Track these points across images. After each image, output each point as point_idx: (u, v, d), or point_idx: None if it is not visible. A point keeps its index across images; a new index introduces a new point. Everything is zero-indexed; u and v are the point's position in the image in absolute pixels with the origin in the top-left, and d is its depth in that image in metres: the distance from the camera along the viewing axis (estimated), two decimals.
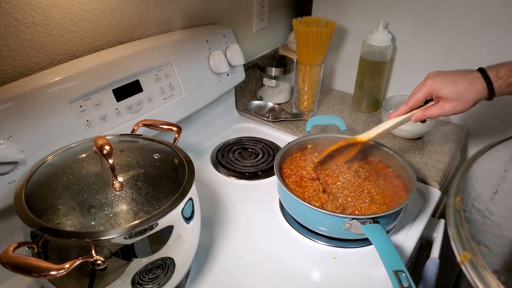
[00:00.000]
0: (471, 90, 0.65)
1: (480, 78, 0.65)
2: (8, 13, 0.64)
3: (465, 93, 0.65)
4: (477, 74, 0.66)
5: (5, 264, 0.41)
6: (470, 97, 0.66)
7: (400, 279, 0.54)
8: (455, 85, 0.66)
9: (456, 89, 0.66)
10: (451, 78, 0.67)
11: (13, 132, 0.60)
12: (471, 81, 0.65)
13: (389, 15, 1.06)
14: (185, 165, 0.57)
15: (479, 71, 0.67)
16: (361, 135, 0.77)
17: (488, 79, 0.65)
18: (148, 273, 0.51)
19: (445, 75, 0.68)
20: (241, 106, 1.13)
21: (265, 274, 0.66)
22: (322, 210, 0.66)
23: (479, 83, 0.65)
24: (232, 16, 1.11)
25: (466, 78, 0.66)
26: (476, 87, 0.65)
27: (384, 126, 0.75)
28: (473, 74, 0.66)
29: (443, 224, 0.81)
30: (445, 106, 0.68)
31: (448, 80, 0.67)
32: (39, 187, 0.51)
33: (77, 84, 0.69)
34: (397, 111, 0.73)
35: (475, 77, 0.65)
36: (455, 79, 0.66)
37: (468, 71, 0.68)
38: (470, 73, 0.67)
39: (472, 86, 0.65)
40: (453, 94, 0.66)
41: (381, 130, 0.75)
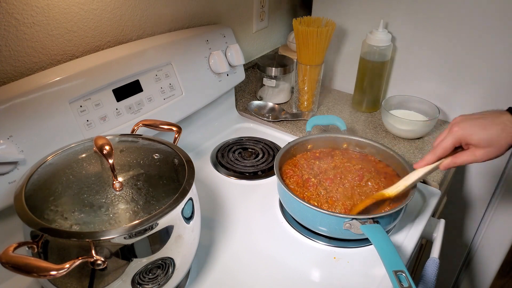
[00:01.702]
0: (504, 135, 0.60)
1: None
2: (8, 13, 0.64)
3: (498, 139, 0.60)
4: (508, 117, 0.61)
5: (5, 264, 0.41)
6: (503, 143, 0.60)
7: (400, 279, 0.54)
8: (486, 131, 0.61)
9: (487, 136, 0.60)
10: (480, 123, 0.62)
11: (13, 132, 0.60)
12: (503, 126, 0.60)
13: (389, 15, 1.06)
14: (185, 165, 0.57)
15: (509, 111, 0.62)
16: (388, 190, 0.71)
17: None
18: (148, 273, 0.51)
19: (473, 119, 0.63)
20: (241, 106, 1.13)
21: (265, 274, 0.67)
22: (322, 210, 0.66)
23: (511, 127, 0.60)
24: (232, 16, 1.11)
25: (496, 123, 0.61)
26: (509, 132, 0.60)
27: (412, 178, 0.69)
28: (504, 117, 0.61)
29: (443, 224, 0.81)
30: (477, 153, 0.62)
31: (478, 125, 0.62)
32: (39, 187, 0.51)
33: (77, 84, 0.69)
34: (424, 160, 0.67)
35: (507, 121, 0.60)
36: (485, 125, 0.61)
37: (497, 112, 0.63)
38: (500, 116, 0.62)
39: (504, 131, 0.60)
40: (485, 141, 0.61)
41: (410, 182, 0.69)
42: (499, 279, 1.32)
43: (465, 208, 1.24)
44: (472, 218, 1.24)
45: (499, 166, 1.10)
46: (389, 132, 1.03)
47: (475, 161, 0.63)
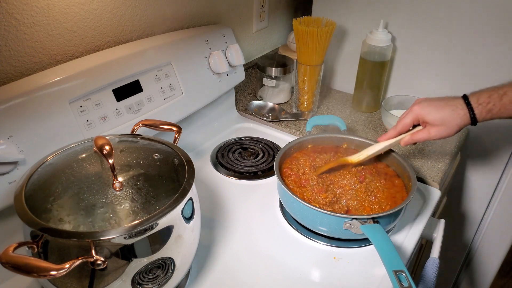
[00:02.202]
0: (454, 116, 0.68)
1: (462, 105, 0.68)
2: (8, 13, 0.64)
3: (449, 119, 0.69)
4: (460, 101, 0.69)
5: (5, 264, 0.41)
6: (454, 123, 0.69)
7: (400, 279, 0.54)
8: (440, 111, 0.69)
9: (441, 115, 0.69)
10: (436, 104, 0.70)
11: (13, 132, 0.60)
12: (454, 108, 0.68)
13: (389, 15, 1.06)
14: (185, 165, 0.57)
15: (462, 97, 0.70)
16: (351, 157, 0.79)
17: (470, 105, 0.68)
18: (148, 273, 0.51)
19: (432, 101, 0.71)
20: (241, 106, 1.13)
21: (265, 274, 0.67)
22: (322, 210, 0.66)
23: (461, 109, 0.68)
24: (232, 16, 1.11)
25: (450, 105, 0.69)
26: (459, 113, 0.68)
27: (374, 149, 0.78)
28: (456, 101, 0.69)
29: (443, 224, 0.81)
30: (431, 130, 0.71)
31: (434, 106, 0.70)
32: (39, 187, 0.51)
33: (77, 84, 0.69)
34: (386, 135, 0.77)
35: (458, 104, 0.69)
36: (440, 106, 0.70)
37: (453, 97, 0.71)
38: (454, 100, 0.70)
39: (455, 112, 0.68)
40: (438, 120, 0.69)
41: (371, 152, 0.78)
42: (499, 279, 1.32)
43: (465, 208, 1.24)
44: (472, 218, 1.25)
45: (499, 166, 1.10)
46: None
47: (430, 139, 0.72)
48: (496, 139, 1.06)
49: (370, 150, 0.78)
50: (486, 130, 1.06)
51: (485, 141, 1.08)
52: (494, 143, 1.07)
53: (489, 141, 1.08)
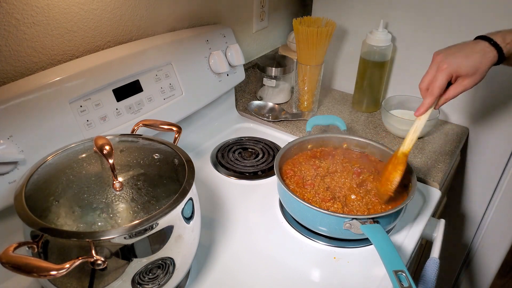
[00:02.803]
0: (485, 60, 0.65)
1: (490, 47, 0.65)
2: (8, 13, 0.64)
3: (481, 65, 0.66)
4: (485, 44, 0.66)
5: (5, 264, 0.41)
6: (485, 67, 0.66)
7: (400, 279, 0.54)
8: (470, 60, 0.66)
9: (473, 63, 0.65)
10: (463, 54, 0.66)
11: (13, 132, 0.60)
12: (483, 52, 0.66)
13: (389, 15, 1.06)
14: (185, 165, 0.57)
15: (483, 39, 0.67)
16: (404, 147, 0.72)
17: (498, 46, 0.66)
18: (148, 273, 0.51)
19: (455, 53, 0.67)
20: (241, 106, 1.13)
21: (265, 274, 0.67)
22: (322, 210, 0.66)
23: (490, 51, 0.65)
24: (232, 16, 1.11)
25: (476, 50, 0.66)
26: (488, 56, 0.65)
27: (419, 127, 0.71)
28: (481, 44, 0.66)
29: (443, 224, 0.81)
30: (465, 82, 0.67)
31: (462, 57, 0.66)
32: (39, 187, 0.51)
33: (77, 84, 0.69)
34: (424, 106, 0.70)
35: (485, 47, 0.66)
36: (467, 55, 0.66)
37: (471, 42, 0.68)
38: (477, 44, 0.67)
39: (484, 56, 0.65)
40: (472, 69, 0.66)
41: (419, 132, 0.71)
42: (499, 279, 1.32)
43: (465, 208, 1.24)
44: (472, 218, 1.24)
45: (499, 166, 1.10)
46: (389, 132, 1.03)
47: (465, 90, 0.68)
48: (496, 139, 1.06)
49: (417, 130, 0.71)
50: (486, 130, 1.06)
51: (485, 141, 1.08)
52: (494, 143, 1.07)
53: (489, 141, 1.08)
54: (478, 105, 1.03)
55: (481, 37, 0.67)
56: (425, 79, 0.70)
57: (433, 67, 0.69)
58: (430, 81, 0.69)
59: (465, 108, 1.06)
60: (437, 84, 0.67)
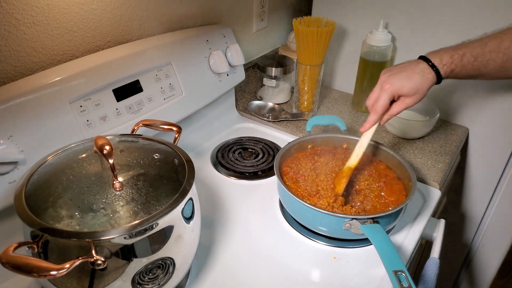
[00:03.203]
0: (425, 81, 0.70)
1: (428, 68, 0.70)
2: (8, 13, 0.64)
3: (421, 85, 0.70)
4: (425, 65, 0.71)
5: (5, 264, 0.41)
6: (425, 87, 0.71)
7: (400, 279, 0.54)
8: (412, 81, 0.70)
9: (413, 84, 0.70)
10: (405, 75, 0.71)
11: (13, 132, 0.60)
12: (422, 73, 0.70)
13: (389, 15, 1.06)
14: (185, 165, 0.57)
15: (423, 60, 0.72)
16: (351, 161, 0.76)
17: (435, 67, 0.70)
18: (148, 273, 0.51)
19: (398, 73, 0.72)
20: (241, 106, 1.13)
21: (265, 274, 0.67)
22: (322, 210, 0.66)
23: (428, 73, 0.70)
24: (232, 16, 1.11)
25: (416, 72, 0.70)
26: (427, 77, 0.70)
27: (365, 142, 0.76)
28: (421, 65, 0.71)
29: (443, 224, 0.81)
30: (407, 101, 0.72)
31: (404, 78, 0.70)
32: (39, 187, 0.51)
33: (77, 84, 0.69)
34: (369, 122, 0.75)
35: (424, 68, 0.71)
36: (409, 76, 0.70)
37: (414, 62, 0.73)
38: (417, 65, 0.71)
39: (424, 77, 0.70)
40: (413, 90, 0.70)
41: (365, 147, 0.76)
42: (499, 279, 1.32)
43: (465, 208, 1.24)
44: (472, 218, 1.24)
45: (499, 166, 1.10)
46: (389, 132, 1.03)
47: (407, 107, 0.73)
48: (496, 138, 1.06)
49: (363, 145, 0.76)
50: (486, 130, 1.06)
51: (485, 141, 1.08)
52: (494, 143, 1.07)
53: (489, 141, 1.08)
54: (478, 105, 1.03)
55: (423, 58, 0.72)
56: (371, 97, 0.74)
57: (378, 86, 0.74)
58: (375, 99, 0.73)
59: (465, 108, 1.06)
60: (380, 103, 0.72)
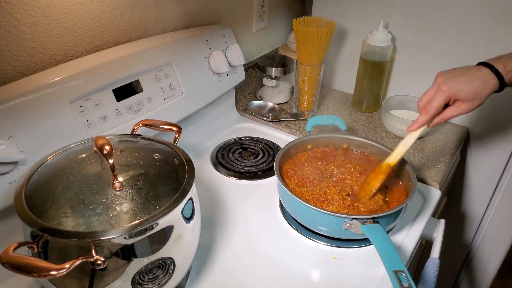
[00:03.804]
0: (486, 87, 0.66)
1: (491, 74, 0.66)
2: (8, 13, 0.64)
3: (481, 92, 0.66)
4: (487, 71, 0.66)
5: (5, 264, 0.41)
6: (485, 94, 0.66)
7: (400, 279, 0.54)
8: (471, 86, 0.65)
9: (473, 90, 0.65)
10: (464, 79, 0.66)
11: (13, 132, 0.60)
12: (484, 79, 0.65)
13: (389, 15, 1.06)
14: (185, 165, 0.57)
15: (485, 66, 0.67)
16: (391, 159, 0.74)
17: (499, 73, 0.65)
18: (148, 273, 0.51)
19: (457, 76, 0.67)
20: (241, 106, 1.13)
21: (265, 274, 0.67)
22: (322, 210, 0.66)
23: (491, 79, 0.65)
24: (232, 16, 1.11)
25: (478, 76, 0.66)
26: (489, 83, 0.65)
27: (410, 143, 0.73)
28: (483, 71, 0.66)
29: (443, 224, 0.81)
30: (463, 106, 0.68)
31: (463, 81, 0.66)
32: (39, 187, 0.51)
33: (77, 84, 0.69)
34: (418, 122, 0.71)
35: (487, 74, 0.66)
36: (468, 80, 0.66)
37: (474, 68, 0.68)
38: (479, 70, 0.67)
39: (485, 84, 0.65)
40: (471, 95, 0.66)
41: (408, 147, 0.73)
42: (499, 279, 1.32)
43: (465, 208, 1.24)
44: (472, 218, 1.24)
45: (499, 166, 1.10)
46: (389, 132, 1.03)
47: (461, 114, 0.68)
48: (496, 139, 1.06)
49: (407, 145, 0.73)
50: (486, 130, 1.06)
51: (485, 141, 1.08)
52: (494, 143, 1.07)
53: (489, 141, 1.08)
54: None
55: (484, 64, 0.67)
56: (424, 98, 0.70)
57: (434, 87, 0.69)
58: (428, 100, 0.69)
59: None
60: (434, 104, 0.68)
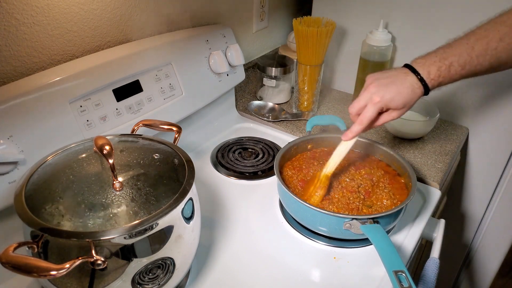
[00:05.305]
0: (413, 96, 0.69)
1: (418, 83, 0.69)
2: (8, 13, 0.64)
3: (410, 100, 0.70)
4: (414, 79, 0.69)
5: (5, 264, 0.41)
6: (413, 102, 0.70)
7: (400, 279, 0.54)
8: (401, 96, 0.69)
9: (403, 99, 0.69)
10: (395, 89, 0.69)
11: (13, 132, 0.60)
12: (412, 88, 0.69)
13: (389, 15, 1.06)
14: (185, 165, 0.57)
15: (410, 70, 0.70)
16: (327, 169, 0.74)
17: (424, 81, 0.69)
18: (148, 273, 0.51)
19: (388, 85, 0.69)
20: (241, 106, 1.13)
21: (265, 274, 0.67)
22: (322, 210, 0.66)
23: (418, 87, 0.69)
24: (232, 16, 1.11)
25: (406, 86, 0.69)
26: (417, 92, 0.69)
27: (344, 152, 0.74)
28: (410, 79, 0.69)
29: (443, 224, 0.81)
30: (393, 114, 0.71)
31: (394, 92, 0.69)
32: (39, 187, 0.51)
33: (77, 84, 0.69)
34: (352, 132, 0.72)
35: (413, 83, 0.69)
36: (398, 90, 0.69)
37: (402, 74, 0.70)
38: (406, 77, 0.69)
39: (413, 92, 0.69)
40: (402, 104, 0.69)
41: (343, 156, 0.75)
42: (499, 279, 1.32)
43: (465, 208, 1.24)
44: (472, 218, 1.24)
45: (499, 166, 1.10)
46: (389, 132, 1.03)
47: (392, 120, 0.72)
48: (496, 139, 1.06)
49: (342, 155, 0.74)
50: (486, 129, 1.06)
51: (485, 141, 1.08)
52: (494, 143, 1.07)
53: (489, 141, 1.08)
54: (478, 105, 1.03)
55: (410, 68, 0.70)
56: (356, 105, 0.71)
57: (366, 96, 0.70)
58: (360, 108, 0.71)
59: (465, 108, 1.06)
60: (367, 115, 0.70)
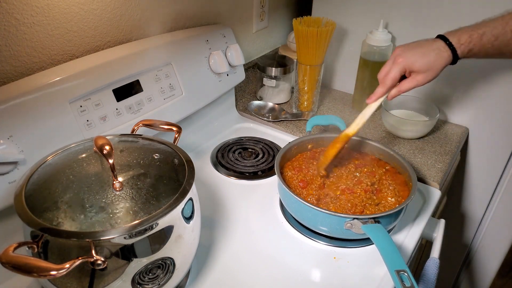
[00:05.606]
0: (439, 59, 0.69)
1: (445, 47, 0.69)
2: (8, 13, 0.64)
3: (435, 63, 0.69)
4: (441, 43, 0.69)
5: (5, 264, 0.41)
6: (439, 66, 0.69)
7: (402, 278, 0.54)
8: (425, 58, 0.69)
9: (427, 62, 0.69)
10: (419, 51, 0.69)
11: (13, 132, 0.60)
12: (438, 51, 0.69)
13: (389, 15, 1.06)
14: (185, 165, 0.57)
15: (441, 39, 0.70)
16: (349, 129, 0.77)
17: (452, 46, 0.68)
18: (148, 273, 0.51)
19: (413, 48, 0.70)
20: (241, 106, 1.13)
21: (265, 274, 0.66)
22: (323, 210, 0.66)
23: (444, 51, 0.69)
24: (232, 16, 1.11)
25: (432, 49, 0.69)
26: (443, 55, 0.69)
27: (368, 114, 0.76)
28: (438, 43, 0.69)
29: (443, 224, 0.81)
30: (418, 78, 0.71)
31: (418, 53, 0.69)
32: (39, 187, 0.51)
33: (77, 84, 0.69)
34: (376, 94, 0.74)
35: (441, 46, 0.69)
36: (423, 52, 0.69)
37: (431, 40, 0.71)
38: (434, 42, 0.70)
39: (439, 55, 0.69)
40: (425, 67, 0.69)
41: (366, 118, 0.76)
42: (499, 279, 1.32)
43: (465, 208, 1.24)
44: (472, 218, 1.24)
45: (499, 166, 1.10)
46: (389, 132, 1.03)
47: (417, 85, 0.71)
48: (496, 139, 1.06)
49: (365, 116, 0.76)
50: (486, 130, 1.06)
51: (485, 141, 1.08)
52: (494, 143, 1.07)
53: (489, 141, 1.08)
54: (478, 105, 1.03)
55: (441, 36, 0.70)
56: (382, 70, 0.73)
57: (391, 60, 0.72)
58: (386, 72, 0.72)
59: (465, 108, 1.06)
60: (390, 76, 0.71)
